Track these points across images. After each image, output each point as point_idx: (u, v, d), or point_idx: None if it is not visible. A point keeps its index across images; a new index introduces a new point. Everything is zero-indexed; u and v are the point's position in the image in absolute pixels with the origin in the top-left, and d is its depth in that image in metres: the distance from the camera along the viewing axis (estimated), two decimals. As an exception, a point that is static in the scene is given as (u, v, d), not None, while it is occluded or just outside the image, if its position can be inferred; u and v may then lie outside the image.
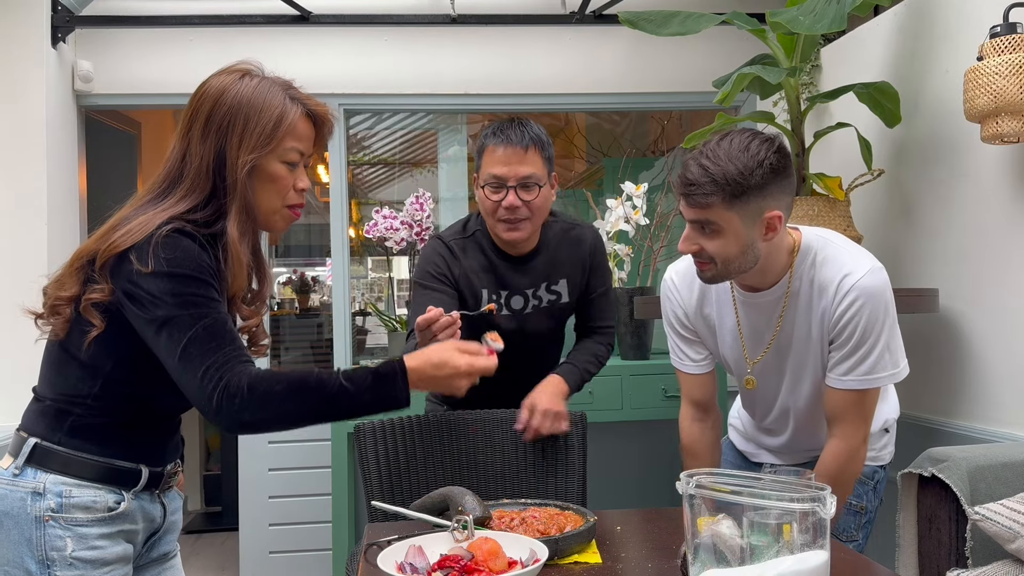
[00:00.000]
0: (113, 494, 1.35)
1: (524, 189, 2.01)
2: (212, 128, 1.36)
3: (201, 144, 1.36)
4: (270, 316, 3.70)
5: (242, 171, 1.34)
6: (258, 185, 1.38)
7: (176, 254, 1.28)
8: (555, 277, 2.15)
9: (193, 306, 1.27)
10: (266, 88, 1.39)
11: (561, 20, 3.52)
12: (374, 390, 1.33)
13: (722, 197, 1.56)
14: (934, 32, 2.54)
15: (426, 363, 1.37)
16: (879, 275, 1.66)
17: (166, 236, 1.29)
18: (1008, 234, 2.26)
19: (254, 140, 1.35)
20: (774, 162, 1.57)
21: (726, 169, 1.55)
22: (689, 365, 1.91)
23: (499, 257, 2.11)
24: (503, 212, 2.02)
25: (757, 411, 1.94)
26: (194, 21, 3.37)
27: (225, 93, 1.37)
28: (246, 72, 1.41)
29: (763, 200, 1.58)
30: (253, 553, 3.55)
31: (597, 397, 3.09)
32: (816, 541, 1.15)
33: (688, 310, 1.87)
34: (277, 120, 1.37)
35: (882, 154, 2.74)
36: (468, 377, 1.41)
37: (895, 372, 1.71)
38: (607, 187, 4.08)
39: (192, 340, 1.26)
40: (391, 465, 2.08)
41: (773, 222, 1.60)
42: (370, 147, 4.06)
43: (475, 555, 1.33)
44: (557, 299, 2.16)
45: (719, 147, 1.58)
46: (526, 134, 2.02)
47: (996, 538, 1.72)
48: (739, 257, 1.63)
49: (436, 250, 2.11)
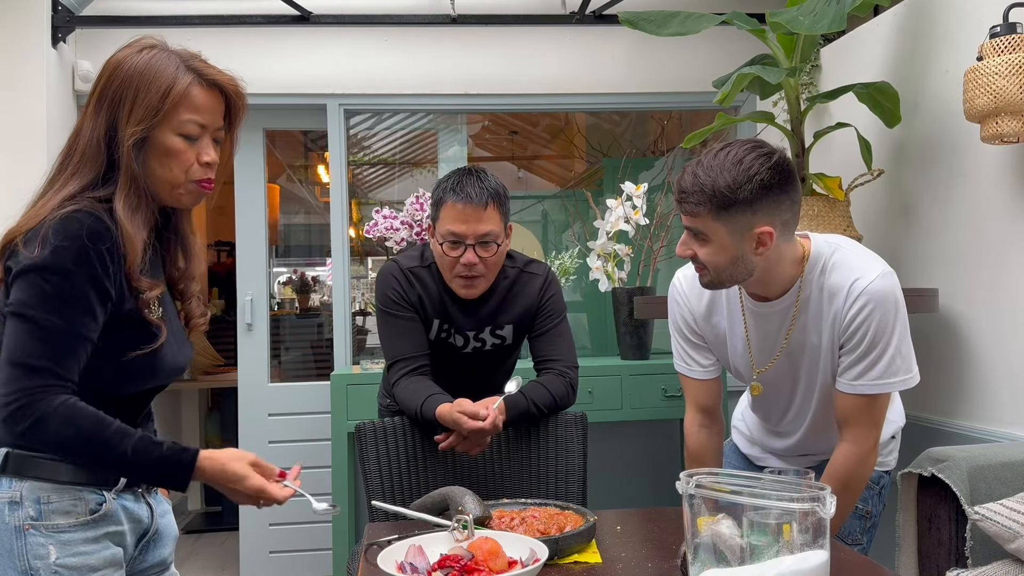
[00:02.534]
0: (94, 495, 1.32)
1: (482, 247, 2.01)
2: (104, 101, 1.32)
3: (94, 118, 1.32)
4: (270, 316, 3.70)
5: (128, 143, 1.31)
6: (153, 159, 1.34)
7: (62, 243, 1.24)
8: (501, 321, 2.15)
9: (47, 308, 1.23)
10: (161, 59, 1.33)
11: (561, 20, 3.52)
12: (154, 471, 1.31)
13: (709, 208, 1.57)
14: (934, 32, 2.54)
15: (220, 470, 1.34)
16: (890, 279, 1.66)
17: (60, 220, 1.25)
18: (1008, 234, 2.26)
19: (142, 112, 1.31)
20: (765, 178, 1.55)
21: (716, 181, 1.55)
22: (698, 371, 1.90)
23: (449, 296, 2.11)
24: (461, 268, 2.02)
25: (769, 415, 1.93)
26: (194, 21, 3.38)
27: (120, 66, 1.33)
28: (147, 46, 1.36)
29: (753, 215, 1.57)
30: (253, 553, 3.55)
31: (597, 397, 3.09)
32: (816, 541, 1.15)
33: (697, 316, 1.86)
34: (165, 91, 1.31)
35: (882, 154, 2.74)
36: (253, 501, 1.39)
37: (907, 378, 1.69)
38: (607, 187, 4.07)
39: (26, 342, 1.23)
40: (391, 465, 2.08)
41: (763, 238, 1.59)
42: (370, 147, 4.05)
43: (475, 555, 1.33)
44: (501, 342, 2.18)
45: (715, 158, 1.58)
46: (485, 190, 2.00)
47: (996, 538, 1.72)
48: (729, 267, 1.63)
49: (394, 275, 2.11)
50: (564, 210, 4.05)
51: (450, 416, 1.92)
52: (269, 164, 3.69)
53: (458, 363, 2.17)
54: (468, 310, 2.12)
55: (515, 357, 2.29)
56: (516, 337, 2.19)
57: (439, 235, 2.03)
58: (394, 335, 2.11)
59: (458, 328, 2.13)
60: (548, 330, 2.16)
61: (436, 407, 1.95)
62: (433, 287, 2.11)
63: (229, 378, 4.60)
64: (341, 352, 3.53)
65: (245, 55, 3.43)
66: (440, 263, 2.07)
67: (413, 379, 2.06)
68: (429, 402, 1.98)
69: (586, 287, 3.81)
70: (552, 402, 2.08)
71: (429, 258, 2.13)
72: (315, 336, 4.82)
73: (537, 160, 5.02)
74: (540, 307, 2.16)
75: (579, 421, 2.16)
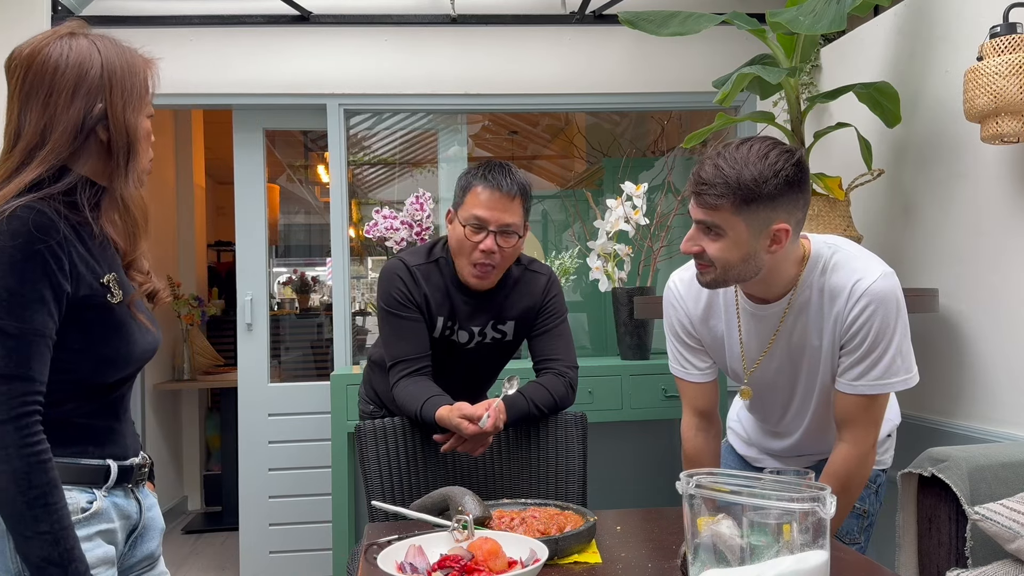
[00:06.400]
0: (85, 494, 1.31)
1: (503, 236, 2.02)
2: (80, 93, 1.30)
3: (66, 110, 1.30)
4: (270, 316, 3.70)
5: (140, 131, 1.35)
6: (143, 143, 1.38)
7: (7, 243, 1.21)
8: (504, 317, 2.16)
9: (6, 313, 1.21)
10: (121, 48, 1.36)
11: (561, 20, 3.52)
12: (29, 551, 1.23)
13: (731, 200, 1.55)
14: (934, 32, 2.54)
15: None
16: (891, 280, 1.66)
17: (6, 218, 1.22)
18: (1008, 234, 2.26)
19: (136, 100, 1.34)
20: (790, 174, 1.55)
21: (741, 173, 1.53)
22: (695, 374, 1.89)
23: (457, 289, 2.12)
24: (478, 255, 2.03)
25: (768, 415, 1.93)
26: (194, 21, 3.38)
27: (89, 58, 1.32)
28: (85, 33, 1.36)
29: (773, 211, 1.56)
30: (253, 553, 3.55)
31: (597, 397, 3.09)
32: (816, 541, 1.15)
33: (694, 319, 1.85)
34: (144, 76, 1.37)
35: (882, 154, 2.74)
36: None
37: (907, 378, 1.69)
38: (607, 187, 4.07)
39: None
40: (391, 465, 2.08)
41: (779, 235, 1.58)
42: (370, 147, 4.05)
43: (475, 555, 1.33)
44: (502, 337, 2.18)
45: (738, 151, 1.56)
46: (514, 182, 2.03)
47: (996, 538, 1.72)
48: (740, 264, 1.62)
49: (398, 274, 2.11)
50: (564, 210, 4.05)
51: (450, 420, 1.92)
52: (269, 164, 3.69)
53: (460, 361, 2.17)
54: (474, 303, 2.12)
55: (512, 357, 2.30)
56: (517, 334, 2.19)
57: (462, 219, 2.04)
58: (397, 336, 2.10)
59: (462, 323, 2.13)
60: (549, 329, 2.16)
61: (436, 409, 1.96)
62: (440, 282, 2.11)
63: (229, 378, 4.61)
64: (341, 352, 3.53)
65: (245, 55, 3.43)
66: (459, 248, 2.07)
67: (413, 380, 2.06)
68: (429, 404, 1.98)
69: (586, 287, 3.81)
70: (552, 402, 2.08)
71: (437, 253, 2.14)
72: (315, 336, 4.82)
73: (537, 160, 5.02)
74: (543, 306, 2.17)
75: (579, 421, 2.16)
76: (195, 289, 5.30)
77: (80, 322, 1.29)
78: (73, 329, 1.28)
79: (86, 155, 1.33)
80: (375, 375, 2.37)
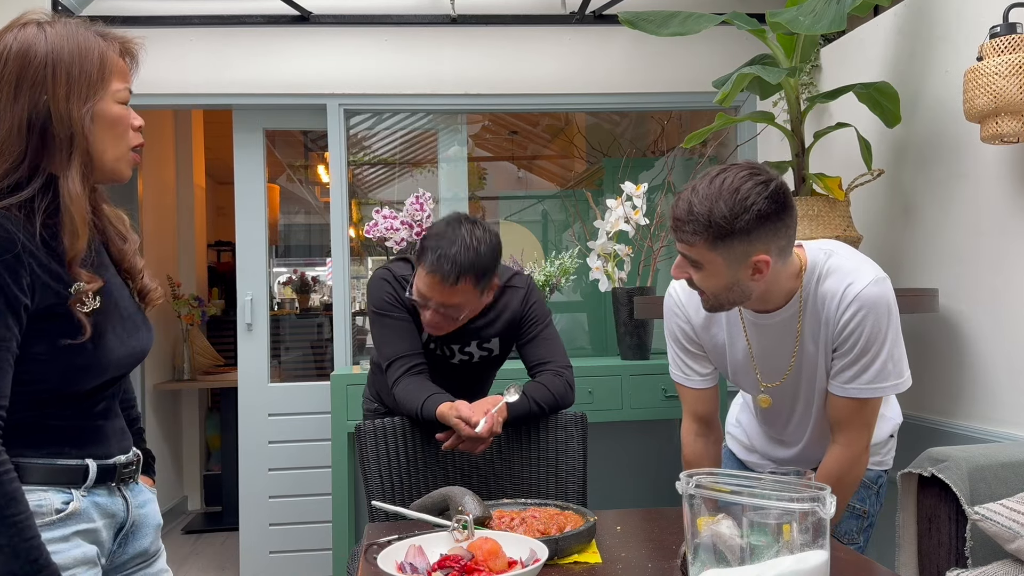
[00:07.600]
0: (61, 494, 1.28)
1: (449, 310, 2.01)
2: (24, 87, 1.25)
3: (12, 106, 1.25)
4: (270, 316, 3.70)
5: (84, 121, 1.26)
6: (100, 133, 1.30)
7: None
8: (487, 335, 2.16)
9: None
10: (73, 31, 1.29)
11: (561, 20, 3.52)
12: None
13: (705, 238, 1.54)
14: (934, 32, 2.54)
15: None
16: (883, 285, 1.65)
17: None
18: (1008, 234, 2.26)
19: (84, 87, 1.27)
20: (763, 208, 1.52)
21: (711, 210, 1.52)
22: (696, 380, 1.89)
23: None
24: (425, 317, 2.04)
25: (774, 422, 1.92)
26: (194, 21, 3.38)
27: (32, 48, 1.26)
28: (39, 21, 1.30)
29: (749, 244, 1.55)
30: (253, 553, 3.55)
31: (597, 397, 3.09)
32: (816, 541, 1.15)
33: (695, 326, 1.84)
34: (100, 62, 1.28)
35: (882, 154, 2.74)
36: None
37: (898, 383, 1.70)
38: (607, 187, 4.07)
39: None
40: (391, 465, 2.08)
41: (760, 265, 1.57)
42: (370, 147, 4.05)
43: (475, 555, 1.33)
44: (489, 354, 2.19)
45: (711, 185, 1.54)
46: (456, 270, 1.93)
47: (996, 538, 1.72)
48: (726, 292, 1.62)
49: (387, 280, 2.12)
50: (564, 210, 4.05)
51: (449, 418, 1.93)
52: (269, 164, 3.69)
53: (447, 372, 2.18)
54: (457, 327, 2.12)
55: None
56: (503, 347, 2.21)
57: (413, 284, 2.04)
58: (390, 335, 2.11)
59: (445, 341, 2.14)
60: (536, 335, 2.17)
61: (436, 407, 1.96)
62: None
63: (229, 378, 4.61)
64: (341, 352, 3.53)
65: (245, 55, 3.43)
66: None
67: (412, 378, 2.06)
68: (429, 402, 1.99)
69: (586, 287, 3.81)
70: (552, 399, 2.09)
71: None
72: (315, 336, 4.82)
73: (537, 160, 5.01)
74: (524, 315, 2.17)
75: (579, 421, 2.16)
76: (195, 289, 5.30)
77: (44, 332, 1.24)
78: (37, 340, 1.24)
79: (51, 153, 1.27)
80: (377, 377, 2.38)
